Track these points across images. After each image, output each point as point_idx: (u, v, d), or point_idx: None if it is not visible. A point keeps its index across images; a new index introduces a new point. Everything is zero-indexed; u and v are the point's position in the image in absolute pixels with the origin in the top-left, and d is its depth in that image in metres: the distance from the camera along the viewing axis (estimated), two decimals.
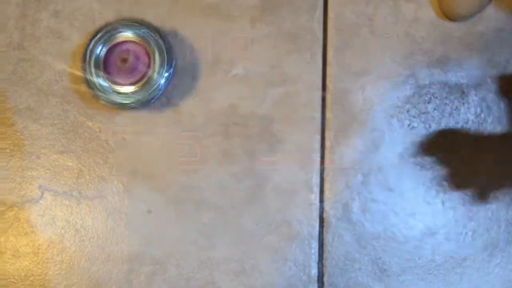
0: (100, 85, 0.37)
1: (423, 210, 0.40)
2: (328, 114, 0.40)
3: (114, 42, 0.37)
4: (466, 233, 0.40)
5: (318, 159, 0.40)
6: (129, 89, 0.37)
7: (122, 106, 0.37)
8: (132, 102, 0.37)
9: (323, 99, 0.40)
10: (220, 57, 0.40)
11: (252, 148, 0.40)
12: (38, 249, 0.38)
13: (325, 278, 0.40)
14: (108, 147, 0.39)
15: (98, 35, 0.37)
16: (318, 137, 0.40)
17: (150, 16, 0.39)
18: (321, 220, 0.40)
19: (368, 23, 0.40)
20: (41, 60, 0.39)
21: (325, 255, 0.40)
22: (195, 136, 0.39)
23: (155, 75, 0.37)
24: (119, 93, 0.37)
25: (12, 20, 0.40)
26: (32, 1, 0.40)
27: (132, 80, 0.37)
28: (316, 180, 0.40)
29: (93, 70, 0.37)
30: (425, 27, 0.40)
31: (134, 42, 0.37)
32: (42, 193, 0.39)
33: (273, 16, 0.40)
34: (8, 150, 0.39)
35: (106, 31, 0.37)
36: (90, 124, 0.39)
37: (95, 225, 0.39)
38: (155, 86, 0.37)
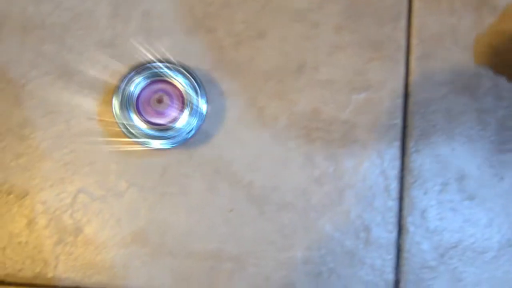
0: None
1: (502, 221, 0.40)
2: (409, 122, 0.41)
3: (149, 80, 0.37)
4: None
5: (398, 166, 0.40)
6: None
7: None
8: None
9: (405, 107, 0.41)
10: (305, 62, 0.41)
11: (334, 152, 0.40)
12: (122, 242, 0.39)
13: (401, 285, 0.40)
14: (193, 145, 0.40)
15: (134, 72, 0.37)
16: (398, 144, 0.41)
17: (239, 17, 0.40)
18: (399, 227, 0.40)
19: (451, 34, 0.41)
20: (130, 58, 0.40)
21: (402, 262, 0.40)
22: (278, 138, 0.40)
23: (188, 118, 0.37)
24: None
25: (104, 18, 0.41)
26: (123, 1, 0.41)
27: (164, 121, 0.38)
28: (395, 186, 0.40)
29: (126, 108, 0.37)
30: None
31: (166, 81, 0.38)
32: (128, 187, 0.40)
33: (357, 23, 0.41)
34: None
35: (143, 68, 0.37)
36: None
37: (177, 221, 0.39)
38: (188, 129, 0.37)
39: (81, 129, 0.40)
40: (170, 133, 0.37)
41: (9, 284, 0.39)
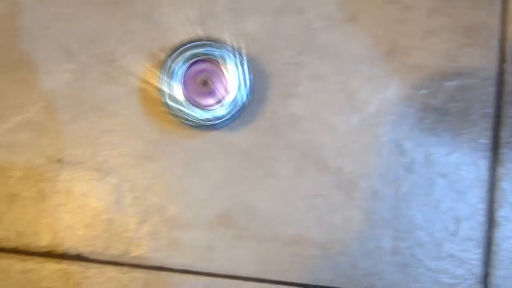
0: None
1: None
2: (503, 112, 0.39)
3: (192, 60, 0.36)
4: None
5: (489, 156, 0.39)
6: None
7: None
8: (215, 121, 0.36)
9: (499, 96, 0.39)
10: (397, 46, 0.39)
11: (424, 140, 0.39)
12: (207, 223, 0.39)
13: (491, 279, 0.39)
14: (280, 128, 0.39)
15: (178, 51, 0.36)
16: (490, 134, 0.39)
17: (331, 2, 0.39)
18: (490, 220, 0.39)
19: None
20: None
21: (492, 256, 0.39)
22: (367, 124, 0.39)
23: (236, 96, 0.36)
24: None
25: None
26: None
27: (211, 101, 0.37)
28: (487, 178, 0.39)
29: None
30: None
31: (211, 61, 0.36)
32: (213, 168, 0.39)
33: (451, 7, 0.40)
34: None
35: (186, 48, 0.36)
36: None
37: (263, 204, 0.39)
38: (238, 107, 0.36)
39: None
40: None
41: (93, 261, 0.38)
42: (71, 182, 0.39)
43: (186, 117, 0.36)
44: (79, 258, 0.39)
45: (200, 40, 0.36)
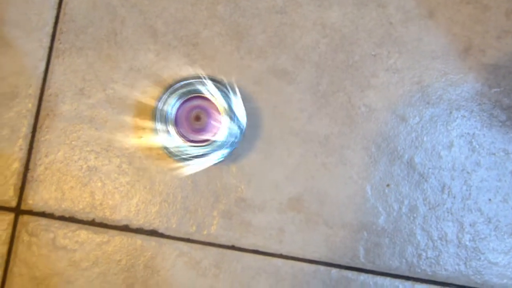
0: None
1: None
2: None
3: (186, 97, 0.37)
4: None
5: None
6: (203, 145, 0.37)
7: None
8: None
9: None
10: (472, 44, 0.40)
11: (495, 137, 0.40)
12: (279, 206, 0.40)
13: None
14: (356, 118, 0.40)
15: (171, 89, 0.37)
16: None
17: None
18: None
19: None
20: (301, 26, 0.40)
21: None
22: (439, 117, 0.40)
23: (229, 132, 0.37)
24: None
25: None
26: None
27: (205, 137, 0.37)
28: None
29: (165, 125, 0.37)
30: None
31: (204, 98, 0.37)
32: (290, 155, 0.40)
33: None
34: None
35: (182, 85, 0.37)
36: (341, 94, 0.40)
37: (335, 190, 0.40)
38: (231, 141, 0.37)
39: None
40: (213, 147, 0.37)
41: (167, 237, 0.40)
42: (148, 160, 0.40)
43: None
44: (153, 233, 0.40)
45: (187, 79, 0.37)
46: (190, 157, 0.37)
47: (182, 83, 0.37)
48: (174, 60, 0.40)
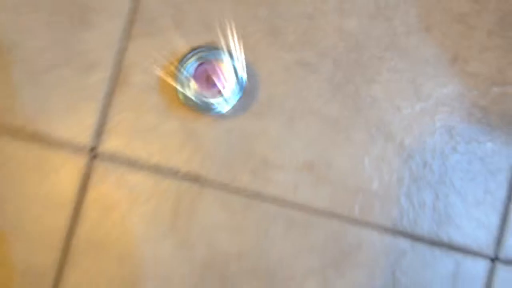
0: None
1: None
2: None
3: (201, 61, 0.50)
4: None
5: None
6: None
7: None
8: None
9: None
10: (458, 55, 0.51)
11: (469, 130, 0.51)
12: (295, 166, 0.51)
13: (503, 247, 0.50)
14: (361, 105, 0.51)
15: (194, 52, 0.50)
16: None
17: (413, 12, 0.51)
18: (510, 196, 0.51)
19: None
20: (324, 30, 0.52)
21: (507, 223, 0.51)
22: (427, 112, 0.51)
23: (232, 90, 0.49)
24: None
25: None
26: None
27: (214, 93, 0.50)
28: None
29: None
30: None
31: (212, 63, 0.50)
32: (307, 128, 0.51)
33: (507, 31, 0.51)
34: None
35: (200, 51, 0.50)
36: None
37: (340, 160, 0.51)
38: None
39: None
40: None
41: (207, 184, 0.51)
42: (185, 115, 0.52)
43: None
44: (196, 179, 0.51)
45: (200, 47, 0.50)
46: (211, 105, 0.49)
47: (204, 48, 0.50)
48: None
